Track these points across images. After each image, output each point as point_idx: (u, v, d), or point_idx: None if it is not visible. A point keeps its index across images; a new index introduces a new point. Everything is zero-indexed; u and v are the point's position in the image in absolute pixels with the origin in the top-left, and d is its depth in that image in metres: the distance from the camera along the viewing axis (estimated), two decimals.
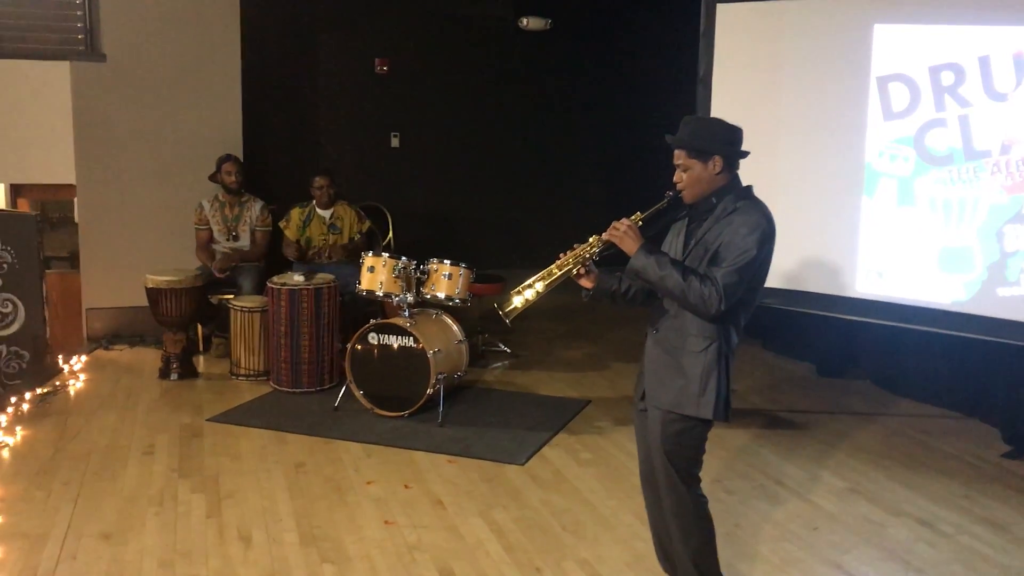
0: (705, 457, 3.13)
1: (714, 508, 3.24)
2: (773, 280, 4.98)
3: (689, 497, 3.05)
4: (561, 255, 3.08)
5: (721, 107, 5.27)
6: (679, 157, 2.96)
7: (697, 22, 5.41)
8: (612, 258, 3.08)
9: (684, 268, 2.88)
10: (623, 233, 2.93)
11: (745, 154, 2.99)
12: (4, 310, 5.64)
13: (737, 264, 2.83)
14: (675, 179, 2.98)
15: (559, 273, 3.06)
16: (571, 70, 8.81)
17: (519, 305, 3.07)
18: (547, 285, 3.07)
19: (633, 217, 2.99)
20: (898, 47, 4.75)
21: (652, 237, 3.02)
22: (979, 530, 4.01)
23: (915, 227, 4.74)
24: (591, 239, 3.05)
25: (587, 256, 3.04)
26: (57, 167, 6.73)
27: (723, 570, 3.21)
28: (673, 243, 3.09)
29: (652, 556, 3.46)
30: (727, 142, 2.96)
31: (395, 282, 5.40)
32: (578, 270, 3.05)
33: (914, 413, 5.63)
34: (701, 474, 3.14)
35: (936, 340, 5.35)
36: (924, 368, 5.84)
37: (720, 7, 5.31)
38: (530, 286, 3.07)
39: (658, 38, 8.03)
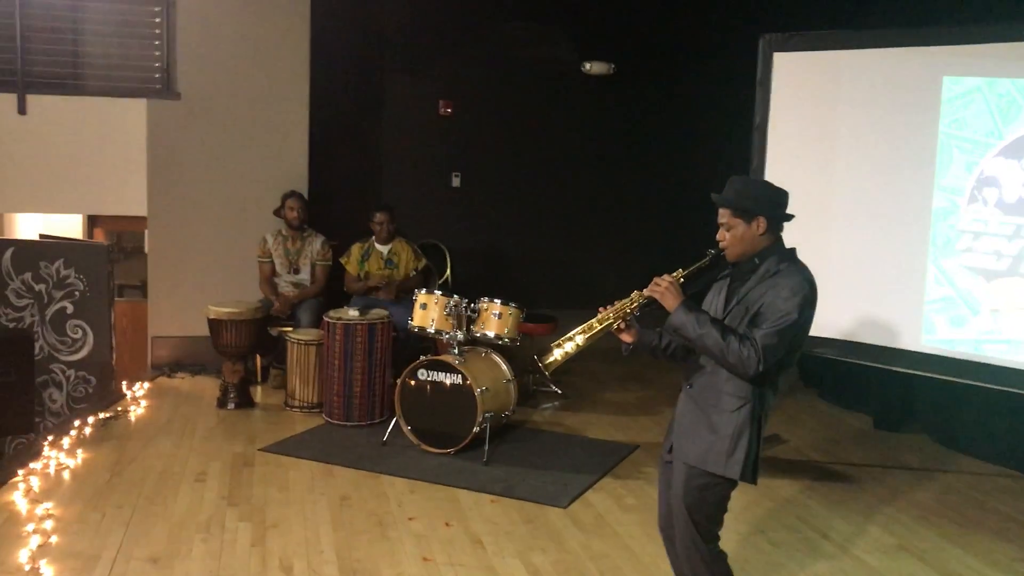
0: (752, 506, 3.13)
1: (756, 559, 3.22)
2: (832, 331, 4.98)
3: (708, 554, 3.02)
4: (602, 309, 3.10)
5: (777, 155, 5.28)
6: (723, 216, 2.97)
7: (755, 69, 5.44)
8: (652, 314, 3.09)
9: (724, 327, 2.88)
10: (664, 290, 2.95)
11: (790, 217, 2.99)
12: (74, 336, 5.88)
13: (778, 327, 2.83)
14: (718, 237, 2.99)
15: (600, 327, 3.07)
16: (632, 114, 8.88)
17: (559, 358, 3.09)
18: (587, 339, 3.07)
19: (675, 274, 3.00)
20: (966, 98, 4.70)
21: (693, 295, 3.03)
22: None
23: (978, 282, 4.66)
24: (632, 294, 3.06)
25: (628, 311, 3.05)
26: (131, 200, 7.02)
27: None
28: (714, 301, 3.09)
29: None
30: (773, 204, 2.96)
31: (446, 320, 5.48)
32: (619, 325, 3.07)
33: (972, 471, 5.48)
34: (741, 526, 3.11)
35: (997, 397, 5.22)
36: (984, 425, 5.68)
37: (777, 55, 5.33)
38: (570, 339, 3.09)
39: (718, 84, 8.05)
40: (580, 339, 3.08)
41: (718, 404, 2.95)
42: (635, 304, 3.04)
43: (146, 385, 6.46)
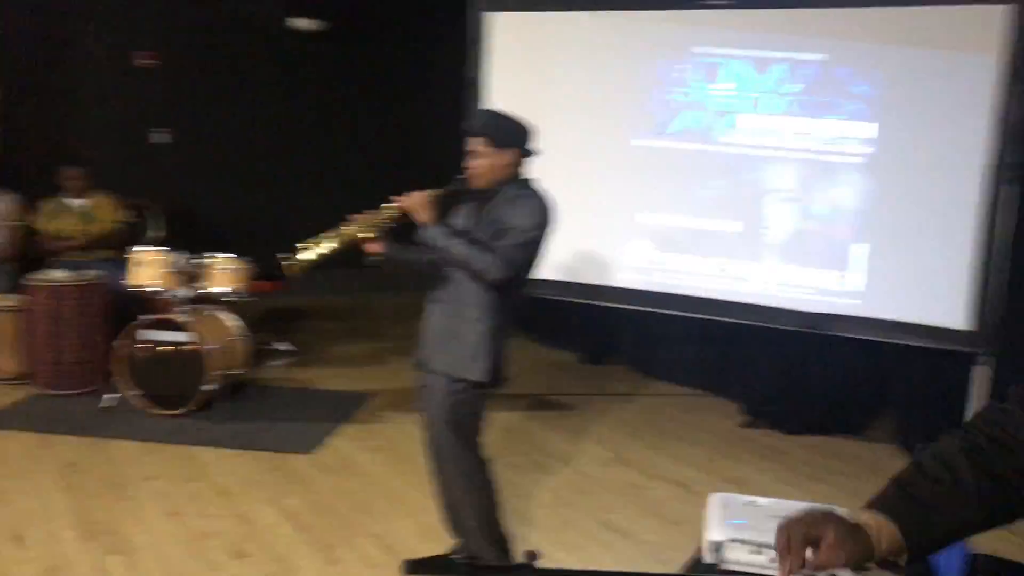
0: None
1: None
2: (544, 272, 5.38)
3: (470, 461, 3.24)
4: (351, 218, 3.17)
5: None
6: (476, 144, 3.13)
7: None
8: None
9: (471, 238, 3.08)
10: (416, 202, 3.09)
11: (536, 152, 3.23)
12: None
13: (517, 240, 3.07)
14: (468, 164, 3.16)
15: (348, 235, 3.14)
16: (344, 71, 8.85)
17: (305, 260, 3.12)
18: (338, 244, 3.13)
19: (426, 192, 3.16)
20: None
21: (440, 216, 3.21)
22: (724, 486, 4.53)
23: (673, 219, 5.28)
24: (383, 205, 3.17)
25: (378, 221, 3.17)
26: None
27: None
28: (457, 223, 3.29)
29: (440, 527, 3.66)
30: (526, 138, 3.18)
31: (168, 276, 5.27)
32: (367, 235, 3.16)
33: (666, 393, 6.22)
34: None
35: (683, 325, 5.95)
36: (675, 352, 6.44)
37: (487, 15, 5.62)
38: (318, 244, 3.13)
39: (429, 42, 8.30)
40: (329, 245, 3.13)
41: (463, 315, 3.16)
42: (386, 215, 3.16)
43: None
